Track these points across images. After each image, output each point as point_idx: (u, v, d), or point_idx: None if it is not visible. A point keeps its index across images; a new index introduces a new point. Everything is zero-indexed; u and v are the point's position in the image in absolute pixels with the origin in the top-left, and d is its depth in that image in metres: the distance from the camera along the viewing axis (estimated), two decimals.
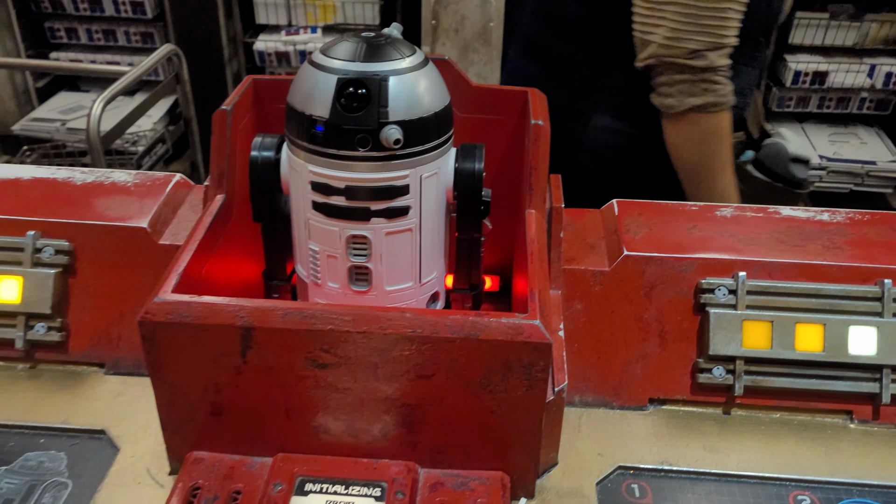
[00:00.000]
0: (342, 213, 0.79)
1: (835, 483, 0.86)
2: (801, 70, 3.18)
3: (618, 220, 1.01)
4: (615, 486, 0.86)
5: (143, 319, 0.74)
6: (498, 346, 0.73)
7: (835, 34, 3.17)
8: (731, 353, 0.92)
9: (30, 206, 1.00)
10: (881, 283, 0.92)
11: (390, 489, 0.78)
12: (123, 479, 0.84)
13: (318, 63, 0.77)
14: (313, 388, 0.77)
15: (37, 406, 0.93)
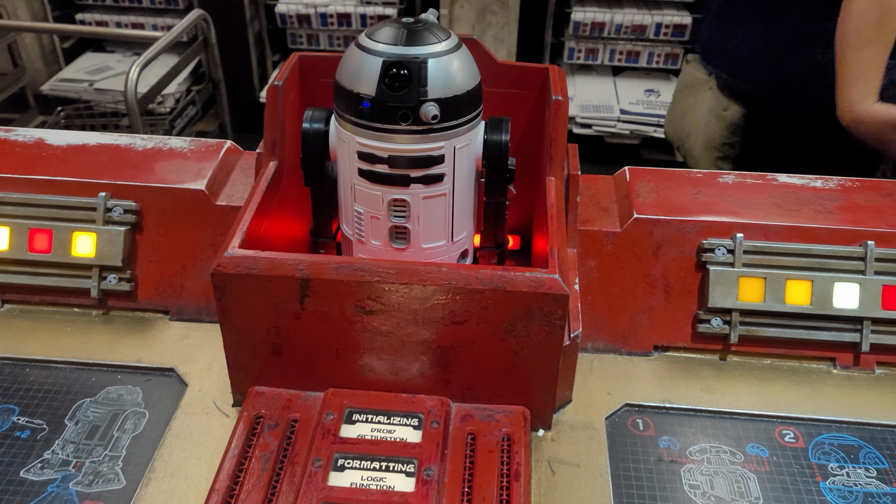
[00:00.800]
0: (385, 179, 0.90)
1: (816, 420, 0.98)
2: None
3: (629, 185, 1.12)
4: (622, 420, 0.98)
5: (216, 271, 0.85)
6: (522, 297, 0.84)
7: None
8: (727, 306, 1.03)
9: (99, 170, 1.11)
10: (865, 244, 1.02)
11: (426, 419, 0.90)
12: (193, 410, 0.97)
13: (365, 46, 0.87)
14: (361, 331, 0.88)
15: (112, 347, 1.05)
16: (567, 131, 1.00)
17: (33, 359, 1.03)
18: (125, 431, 0.94)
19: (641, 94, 3.47)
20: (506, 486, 0.83)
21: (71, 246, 1.07)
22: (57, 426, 0.94)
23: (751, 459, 0.93)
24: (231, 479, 0.83)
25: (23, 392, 0.99)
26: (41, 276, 1.09)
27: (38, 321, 1.09)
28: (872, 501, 0.88)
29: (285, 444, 0.88)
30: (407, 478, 0.83)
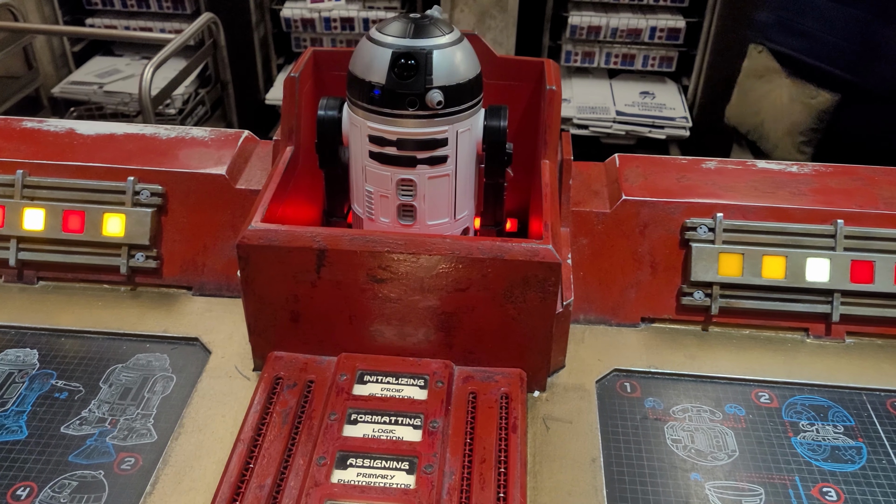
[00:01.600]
0: (394, 160, 0.99)
1: (789, 383, 1.07)
2: None
3: (619, 170, 1.20)
4: (611, 383, 1.06)
5: (241, 243, 0.94)
6: (519, 265, 0.93)
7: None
8: (709, 280, 1.11)
9: (128, 157, 1.20)
10: (835, 223, 1.11)
11: (432, 380, 0.98)
12: (217, 374, 1.05)
13: (376, 39, 0.96)
14: (372, 298, 0.97)
15: (140, 319, 1.14)
16: (560, 119, 1.09)
17: (68, 329, 1.12)
18: (155, 393, 1.03)
19: (637, 96, 3.56)
20: (504, 437, 0.92)
21: (102, 226, 1.16)
22: (92, 389, 1.03)
23: (729, 417, 1.02)
24: (254, 430, 0.92)
25: (59, 359, 1.08)
26: (74, 255, 1.17)
27: (71, 296, 1.18)
28: (839, 454, 0.97)
29: (303, 402, 0.96)
30: (414, 430, 0.92)
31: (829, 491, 0.92)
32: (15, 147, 1.22)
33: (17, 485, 0.90)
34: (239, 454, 0.89)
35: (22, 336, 1.11)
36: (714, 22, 3.32)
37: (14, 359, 1.07)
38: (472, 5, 3.28)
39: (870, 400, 1.05)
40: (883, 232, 1.11)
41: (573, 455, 0.95)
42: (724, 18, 3.28)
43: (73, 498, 0.89)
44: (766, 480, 0.93)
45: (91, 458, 0.93)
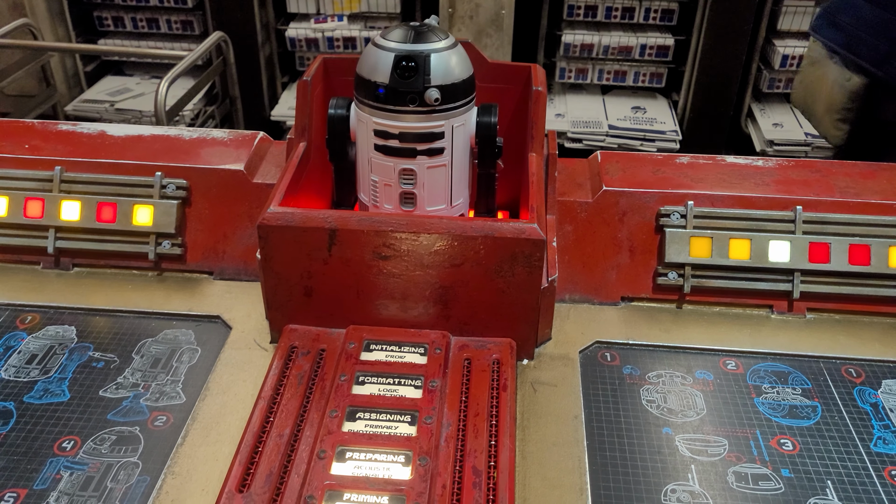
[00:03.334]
0: (396, 152, 1.11)
1: (754, 353, 1.18)
2: (788, 53, 3.46)
3: (600, 165, 1.33)
4: (593, 353, 1.18)
5: (261, 224, 1.06)
6: (507, 242, 1.04)
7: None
8: (681, 261, 1.23)
9: (155, 155, 1.32)
10: (795, 209, 1.23)
11: (431, 348, 1.10)
12: (237, 346, 1.17)
13: (380, 44, 1.09)
14: (377, 274, 1.09)
15: (167, 300, 1.26)
16: (545, 116, 1.21)
17: (102, 308, 1.23)
18: (182, 363, 1.14)
19: (628, 111, 3.70)
20: (495, 396, 1.03)
21: (132, 217, 1.28)
22: (126, 359, 1.14)
23: (698, 382, 1.13)
24: (273, 390, 1.03)
25: (95, 334, 1.19)
26: (106, 243, 1.29)
27: (103, 280, 1.29)
28: (796, 411, 1.08)
29: (316, 367, 1.08)
30: (415, 389, 1.03)
31: (786, 442, 1.03)
32: (52, 147, 1.34)
33: (62, 438, 1.01)
34: (260, 409, 1.00)
35: (60, 314, 1.23)
36: (701, 39, 3.47)
37: (54, 334, 1.19)
38: (468, 24, 3.43)
39: (826, 367, 1.16)
40: (838, 217, 1.22)
41: (557, 412, 1.06)
42: (710, 36, 3.43)
43: (113, 449, 1.00)
44: (730, 434, 1.05)
45: (127, 417, 1.05)
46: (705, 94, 3.57)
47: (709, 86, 3.55)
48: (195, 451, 1.00)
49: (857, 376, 1.14)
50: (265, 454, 0.94)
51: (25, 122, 1.44)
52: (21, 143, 1.35)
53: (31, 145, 1.35)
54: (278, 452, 0.94)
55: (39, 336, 1.18)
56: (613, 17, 3.62)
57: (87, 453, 0.99)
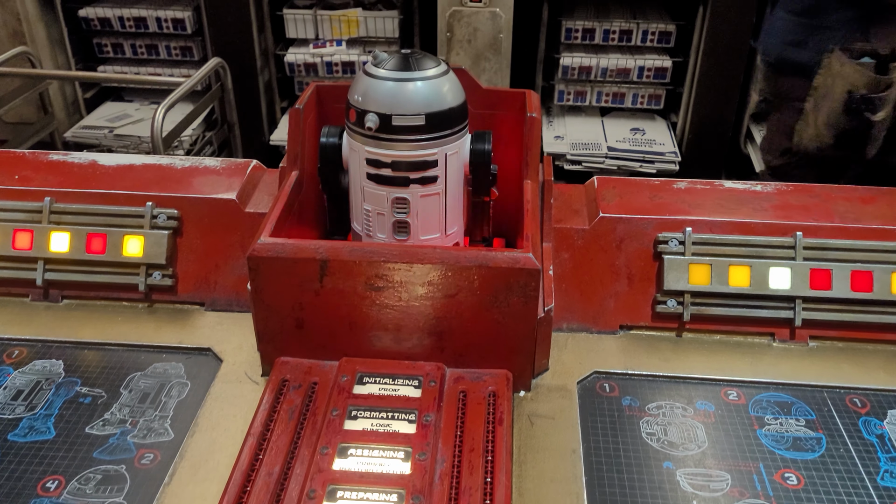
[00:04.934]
0: (389, 181, 1.09)
1: (756, 382, 1.15)
2: None
3: (597, 191, 1.31)
4: (591, 384, 1.15)
5: (251, 255, 1.04)
6: (502, 272, 1.02)
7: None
8: (680, 289, 1.21)
9: (146, 184, 1.31)
10: (795, 235, 1.21)
11: (425, 380, 1.07)
12: (228, 379, 1.14)
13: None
14: (370, 306, 1.07)
15: (157, 332, 1.23)
16: (540, 143, 1.20)
17: (91, 342, 1.21)
18: (171, 397, 1.12)
19: (627, 133, 3.69)
20: (491, 430, 1.01)
21: (122, 247, 1.26)
22: (114, 394, 1.12)
23: (699, 413, 1.10)
24: (263, 426, 1.01)
25: (83, 368, 1.17)
26: (96, 274, 1.27)
27: (92, 313, 1.27)
28: (800, 443, 1.05)
29: (307, 401, 1.05)
30: (409, 423, 1.01)
31: (790, 476, 1.00)
32: (43, 177, 1.33)
33: (46, 478, 0.98)
34: (249, 446, 0.97)
35: (48, 348, 1.20)
36: (699, 61, 3.46)
37: (41, 368, 1.16)
38: (467, 48, 3.44)
39: (830, 396, 1.13)
40: (838, 243, 1.20)
41: (555, 447, 1.04)
42: (707, 58, 3.43)
43: (98, 489, 0.97)
44: (732, 468, 1.02)
45: (114, 455, 1.02)
46: (704, 115, 3.56)
47: (707, 107, 3.55)
48: (182, 489, 0.97)
49: (862, 406, 1.11)
50: (254, 493, 0.91)
51: (16, 152, 1.43)
52: (11, 173, 1.34)
53: (22, 176, 1.33)
54: (267, 492, 0.91)
55: (26, 371, 1.16)
56: (611, 39, 3.62)
57: (72, 494, 0.96)
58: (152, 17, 3.64)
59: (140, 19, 3.69)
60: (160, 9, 3.64)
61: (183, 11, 3.62)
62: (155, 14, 3.63)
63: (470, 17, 3.40)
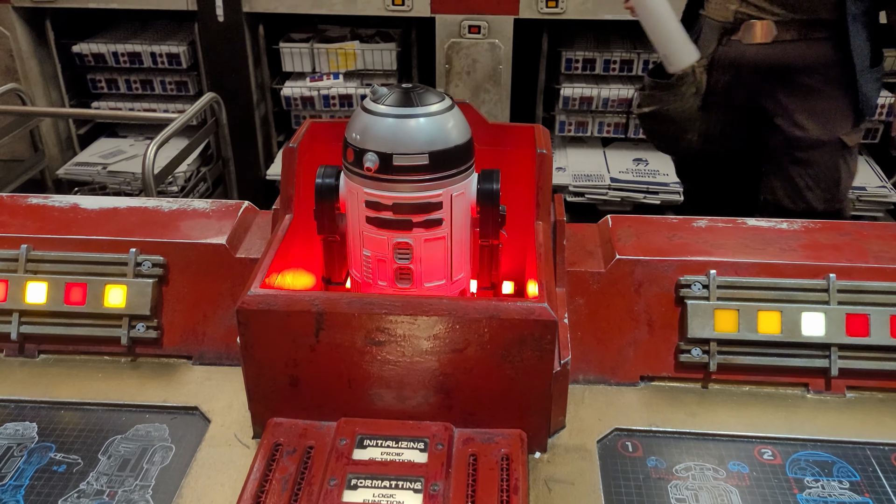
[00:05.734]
0: (390, 224, 1.01)
1: (792, 439, 1.06)
2: None
3: (611, 231, 1.23)
4: (612, 443, 1.06)
5: (240, 308, 0.95)
6: (515, 324, 0.93)
7: None
8: (705, 336, 1.12)
9: (130, 229, 1.22)
10: (827, 277, 1.12)
11: (432, 442, 0.98)
12: (216, 443, 1.05)
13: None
14: (370, 362, 0.98)
15: (140, 390, 1.14)
16: (551, 181, 1.12)
17: (68, 402, 1.12)
18: (154, 464, 1.02)
19: (630, 163, 3.62)
20: (505, 500, 0.91)
21: (104, 298, 1.17)
22: (91, 461, 1.02)
23: (732, 475, 1.01)
24: (254, 499, 0.91)
25: (59, 431, 1.07)
26: (75, 327, 1.18)
27: (71, 368, 1.18)
28: None
29: (303, 468, 0.96)
30: (415, 494, 0.91)
31: None
32: (20, 223, 1.24)
33: None
34: None
35: (21, 409, 1.11)
36: None
37: (13, 432, 1.07)
38: (466, 80, 3.38)
39: (874, 454, 1.04)
40: (875, 285, 1.12)
41: None
42: None
43: None
44: None
45: None
46: None
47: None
48: None
49: None
50: None
51: None
52: None
53: None
54: None
55: None
56: (612, 69, 3.57)
57: None
58: (147, 52, 3.59)
59: (134, 54, 3.64)
60: (155, 44, 3.59)
61: (178, 46, 3.57)
62: (150, 49, 3.58)
63: (469, 48, 3.35)
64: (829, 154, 1.98)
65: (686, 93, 2.07)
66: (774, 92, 1.99)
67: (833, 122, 1.96)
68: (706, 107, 2.09)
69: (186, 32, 3.66)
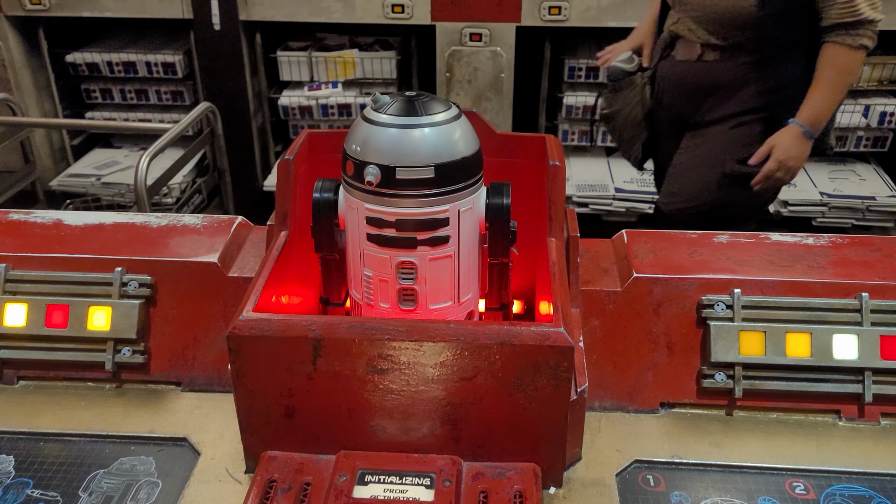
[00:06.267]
0: (393, 242, 0.94)
1: (826, 471, 0.98)
2: None
3: (627, 247, 1.15)
4: (632, 477, 0.98)
5: (231, 334, 0.88)
6: (529, 351, 0.86)
7: None
8: (730, 360, 1.05)
9: (116, 247, 1.15)
10: (859, 296, 1.05)
11: (438, 478, 0.91)
12: (206, 478, 0.97)
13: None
14: (372, 391, 0.90)
15: (125, 419, 1.07)
16: (565, 195, 1.05)
17: (48, 432, 1.04)
18: (138, 501, 0.94)
19: (635, 173, 3.54)
20: None
21: (87, 320, 1.10)
22: (71, 498, 0.95)
23: None
24: None
25: (37, 465, 1.00)
26: (57, 352, 1.11)
27: (52, 396, 1.11)
28: None
29: None
30: None
31: None
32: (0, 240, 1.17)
33: None
34: None
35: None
36: None
37: None
38: (467, 88, 3.32)
39: None
40: None
41: None
42: None
43: None
44: None
45: None
46: None
47: None
48: None
49: None
50: None
51: None
52: None
53: None
54: None
55: None
56: None
57: None
58: (142, 61, 3.53)
59: (129, 64, 3.57)
60: (150, 53, 3.53)
61: (173, 55, 3.51)
62: (145, 58, 3.52)
63: (470, 56, 3.29)
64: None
65: (632, 99, 2.14)
66: (696, 109, 2.02)
67: (734, 143, 1.96)
68: (649, 116, 2.14)
69: (182, 41, 3.60)
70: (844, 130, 3.41)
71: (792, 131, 1.88)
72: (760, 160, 1.92)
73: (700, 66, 1.96)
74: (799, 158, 1.90)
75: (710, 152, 2.00)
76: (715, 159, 1.99)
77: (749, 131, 1.95)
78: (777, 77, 1.88)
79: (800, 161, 1.90)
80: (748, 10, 1.80)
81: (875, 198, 3.31)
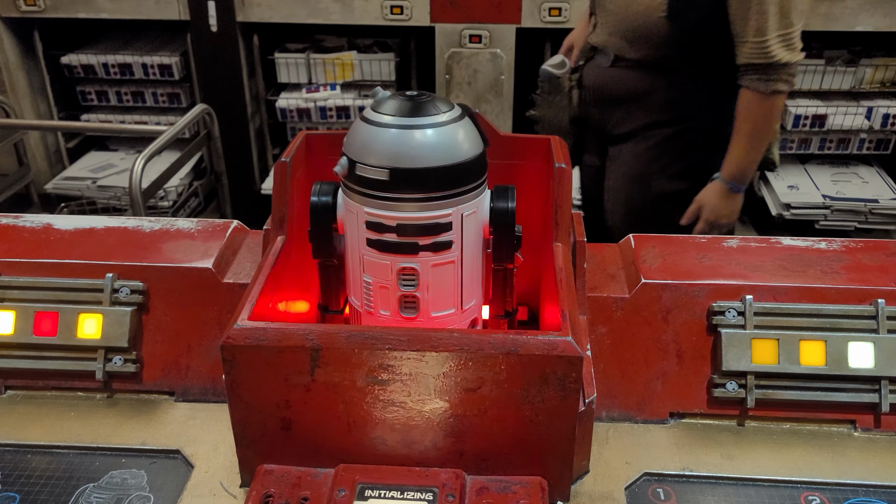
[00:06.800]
0: (393, 248, 0.90)
1: (842, 484, 0.95)
2: (801, 114, 3.31)
3: (635, 252, 1.12)
4: (642, 490, 0.95)
5: (225, 344, 0.84)
6: (535, 361, 0.83)
7: (832, 79, 3.31)
8: (742, 369, 1.01)
9: (107, 252, 1.11)
10: (875, 302, 1.02)
11: (441, 493, 0.87)
12: (200, 492, 0.94)
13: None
14: (372, 402, 0.87)
15: (116, 431, 1.03)
16: (571, 198, 1.01)
17: (36, 445, 1.01)
18: None
19: None
20: None
21: (77, 328, 1.07)
22: None
23: None
24: None
25: (24, 479, 0.96)
26: (45, 360, 1.07)
27: (41, 406, 1.07)
28: None
29: None
30: None
31: None
32: None
33: None
34: None
35: None
36: None
37: None
38: (466, 91, 3.29)
39: None
40: None
41: None
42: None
43: None
44: None
45: None
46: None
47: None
48: None
49: None
50: None
51: None
52: None
53: None
54: None
55: None
56: None
57: None
58: (138, 63, 3.49)
59: (125, 65, 3.54)
60: (146, 55, 3.49)
61: (170, 57, 3.47)
62: (141, 60, 3.48)
63: (470, 58, 3.26)
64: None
65: (558, 104, 2.14)
66: (609, 119, 1.98)
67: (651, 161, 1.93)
68: (575, 122, 2.12)
69: (179, 43, 3.57)
70: (847, 133, 3.38)
71: (717, 188, 1.82)
72: (690, 220, 1.87)
73: (614, 73, 1.91)
74: (730, 215, 1.84)
75: (630, 172, 1.97)
76: (639, 182, 1.95)
77: (662, 145, 1.90)
78: (684, 89, 1.83)
79: (731, 217, 1.85)
80: (660, 23, 1.74)
81: (878, 200, 3.28)
